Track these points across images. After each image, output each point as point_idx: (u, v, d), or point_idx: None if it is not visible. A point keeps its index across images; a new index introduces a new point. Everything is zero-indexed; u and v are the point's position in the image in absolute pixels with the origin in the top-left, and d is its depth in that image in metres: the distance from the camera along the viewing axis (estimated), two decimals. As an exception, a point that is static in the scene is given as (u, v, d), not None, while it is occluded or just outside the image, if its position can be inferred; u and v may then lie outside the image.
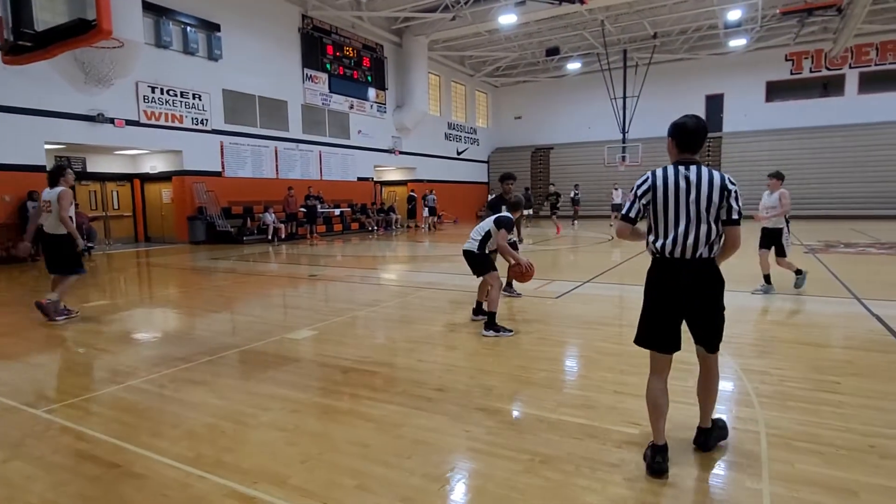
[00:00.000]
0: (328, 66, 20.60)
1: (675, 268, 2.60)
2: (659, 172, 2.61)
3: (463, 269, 9.46)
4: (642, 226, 2.79)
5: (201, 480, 2.67)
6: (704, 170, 2.58)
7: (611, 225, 21.61)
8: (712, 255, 2.60)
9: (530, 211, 16.45)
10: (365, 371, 4.23)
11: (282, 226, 17.02)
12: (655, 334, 2.71)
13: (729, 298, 2.85)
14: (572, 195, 23.06)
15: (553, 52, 26.28)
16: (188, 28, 15.66)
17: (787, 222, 7.25)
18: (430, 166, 27.17)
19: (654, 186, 2.61)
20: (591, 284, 8.05)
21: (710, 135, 28.01)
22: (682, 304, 2.62)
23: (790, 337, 5.04)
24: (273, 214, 16.86)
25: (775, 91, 27.33)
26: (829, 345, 4.84)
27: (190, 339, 5.34)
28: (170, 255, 13.58)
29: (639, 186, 2.67)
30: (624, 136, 26.40)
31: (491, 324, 5.23)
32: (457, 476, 2.69)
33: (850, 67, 25.51)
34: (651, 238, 2.69)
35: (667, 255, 2.61)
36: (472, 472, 2.73)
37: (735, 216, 2.55)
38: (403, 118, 24.30)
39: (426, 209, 22.17)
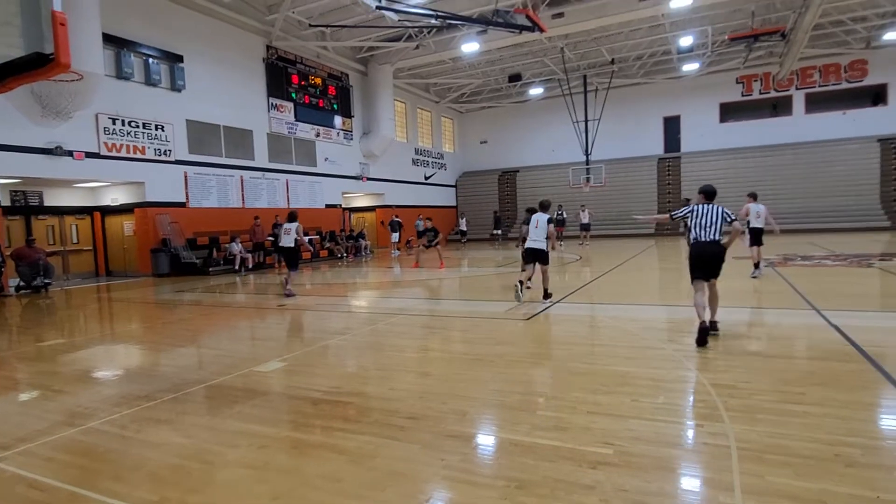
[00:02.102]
0: (294, 94, 20.61)
1: (702, 245, 5.64)
2: (695, 206, 5.78)
3: (433, 293, 9.40)
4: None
5: (165, 526, 2.54)
6: (715, 205, 5.73)
7: (580, 244, 21.95)
8: (719, 240, 5.60)
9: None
10: (336, 402, 4.14)
11: (249, 255, 16.71)
12: (696, 273, 5.68)
13: (689, 314, 3.36)
14: (556, 216, 23.47)
15: (515, 78, 26.92)
16: (150, 59, 15.49)
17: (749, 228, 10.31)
18: (399, 192, 27.23)
19: (693, 210, 5.76)
20: (562, 305, 8.11)
21: (669, 155, 29.14)
22: (705, 260, 5.64)
23: (755, 349, 5.15)
24: (240, 244, 16.56)
25: (728, 112, 28.49)
26: (793, 356, 4.97)
27: (153, 376, 5.14)
28: (132, 288, 13.16)
29: (683, 210, 5.94)
30: (587, 157, 27.04)
31: (548, 295, 8.27)
32: (432, 507, 2.63)
33: (797, 89, 26.83)
34: (691, 234, 5.72)
35: (700, 240, 5.63)
36: (449, 501, 2.68)
37: (731, 220, 5.66)
38: (370, 145, 24.39)
39: (395, 235, 22.15)
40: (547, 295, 8.37)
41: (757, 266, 10.30)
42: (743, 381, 4.18)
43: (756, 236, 10.47)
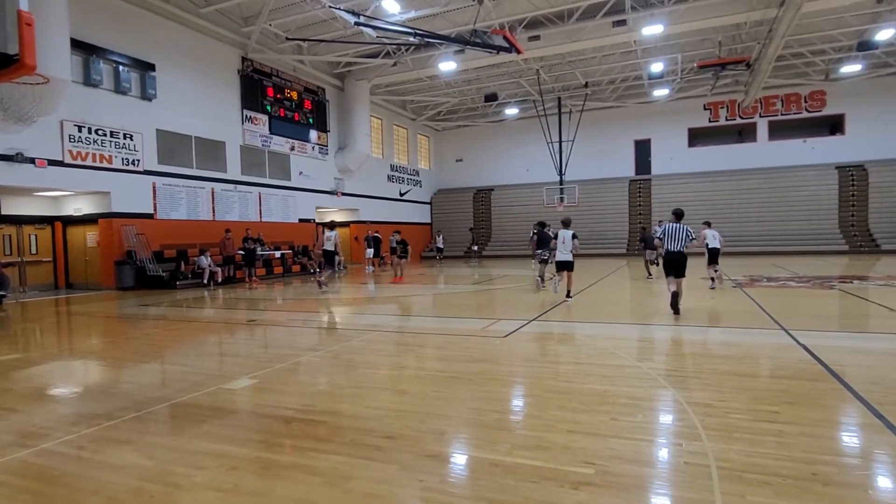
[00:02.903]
0: (268, 107, 20.45)
1: (672, 253, 8.21)
2: (667, 225, 8.27)
3: (408, 310, 9.33)
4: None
5: (124, 555, 2.38)
6: (682, 225, 8.19)
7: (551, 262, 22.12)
8: (682, 250, 8.18)
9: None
10: (309, 421, 4.02)
11: (218, 269, 16.35)
12: (668, 272, 8.27)
13: (663, 332, 5.58)
14: (533, 234, 23.76)
15: (491, 97, 27.29)
16: (121, 67, 15.17)
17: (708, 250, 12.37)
18: (374, 207, 27.16)
19: (665, 228, 8.29)
20: (537, 323, 8.14)
21: (640, 177, 29.83)
22: (674, 264, 8.25)
23: (727, 368, 5.21)
24: (209, 258, 16.20)
25: (697, 137, 29.41)
26: (764, 375, 5.04)
27: (114, 394, 4.92)
28: (94, 302, 12.70)
29: (658, 231, 8.61)
30: (561, 178, 27.48)
31: (569, 294, 10.43)
32: (411, 531, 2.54)
33: (761, 116, 27.90)
34: (665, 246, 8.26)
35: (670, 251, 8.17)
36: (427, 525, 2.59)
37: (692, 238, 8.34)
38: (346, 160, 24.32)
39: (370, 251, 22.02)
40: (569, 294, 10.61)
41: (713, 279, 12.13)
42: (718, 400, 4.21)
43: (713, 256, 12.41)
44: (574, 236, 10.59)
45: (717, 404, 4.12)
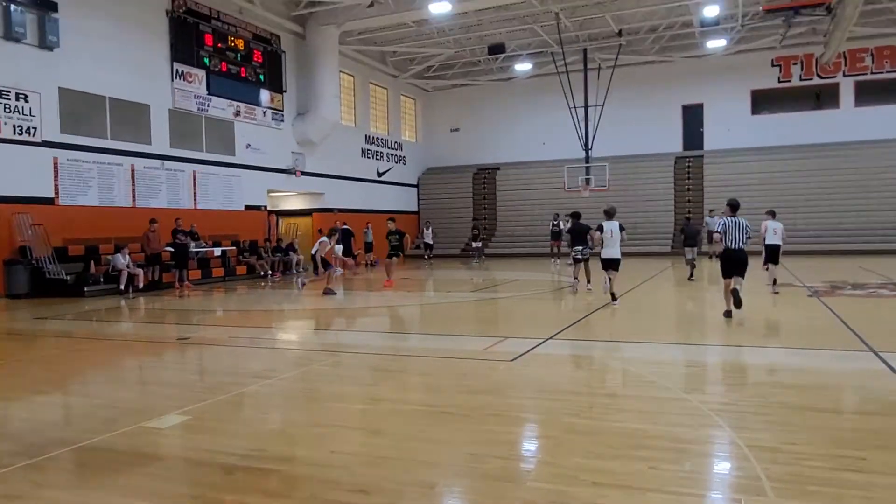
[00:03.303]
0: (207, 60, 20.34)
1: (733, 251, 9.34)
2: (725, 219, 9.52)
3: (388, 325, 9.38)
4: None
5: None
6: (741, 219, 9.47)
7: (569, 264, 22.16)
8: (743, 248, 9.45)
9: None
10: (256, 469, 4.01)
11: (140, 271, 16.28)
12: (730, 273, 9.30)
13: (716, 354, 5.94)
14: (552, 225, 23.90)
15: (497, 49, 27.26)
16: (11, 6, 15.05)
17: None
18: (343, 191, 27.12)
19: (724, 223, 9.41)
20: (555, 342, 8.13)
21: (688, 153, 29.95)
22: (735, 263, 9.39)
23: (798, 402, 5.24)
24: (128, 256, 16.12)
25: (762, 102, 29.55)
26: (848, 410, 5.07)
27: (0, 436, 4.88)
28: (-24, 314, 12.61)
29: (719, 224, 9.67)
30: (587, 154, 27.49)
31: (615, 297, 11.46)
32: None
33: (845, 76, 28.05)
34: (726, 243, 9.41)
35: (732, 248, 9.25)
36: None
37: (749, 236, 9.51)
38: (307, 129, 24.25)
39: (339, 248, 21.96)
40: (614, 297, 11.52)
41: (774, 282, 12.82)
42: (787, 443, 4.23)
43: (773, 255, 12.93)
44: (622, 228, 11.83)
45: (785, 448, 4.13)
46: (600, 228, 11.86)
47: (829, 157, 27.55)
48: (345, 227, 21.72)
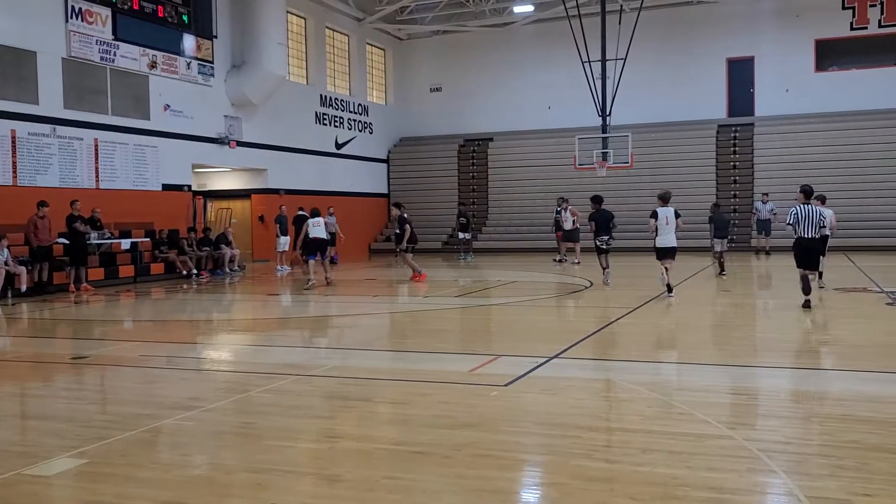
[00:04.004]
0: (113, -6, 20.17)
1: (806, 241, 11.64)
2: (798, 207, 11.72)
3: (349, 339, 9.37)
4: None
5: None
6: (815, 207, 11.98)
7: (575, 263, 22.24)
8: (817, 237, 11.91)
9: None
10: (173, 529, 3.96)
11: (22, 269, 16.14)
12: (802, 264, 11.73)
13: (768, 378, 6.73)
14: (556, 212, 23.81)
15: (491, -15, 27.20)
16: None
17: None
18: (292, 167, 27.06)
19: (797, 213, 11.56)
20: (561, 362, 8.13)
21: (735, 121, 30.08)
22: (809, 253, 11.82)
23: (877, 441, 5.26)
24: (6, 250, 15.97)
25: (830, 54, 29.75)
26: (935, 450, 5.08)
27: None
28: None
29: (790, 216, 11.77)
30: (604, 121, 27.45)
31: (671, 289, 13.32)
32: None
33: (938, 21, 28.26)
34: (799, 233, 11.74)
35: (805, 237, 11.58)
36: None
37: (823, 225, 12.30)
38: (244, 87, 24.14)
39: (283, 239, 21.92)
40: (670, 289, 13.35)
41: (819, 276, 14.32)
42: (862, 493, 4.23)
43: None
44: (677, 214, 13.63)
45: (858, 501, 4.13)
46: (654, 215, 13.65)
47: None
48: (302, 211, 21.98)
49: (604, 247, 15.51)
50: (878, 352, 8.65)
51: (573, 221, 22.74)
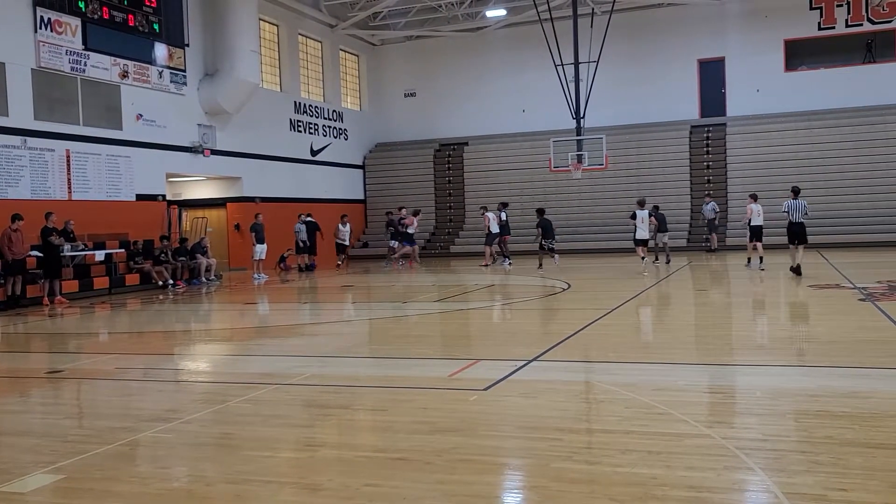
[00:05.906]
0: (82, 4, 20.01)
1: (795, 223, 17.55)
2: (789, 201, 17.80)
3: (326, 349, 9.31)
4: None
5: None
6: (801, 200, 17.82)
7: (556, 262, 22.28)
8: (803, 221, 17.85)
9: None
10: (150, 543, 3.93)
11: (-5, 284, 15.99)
12: (792, 241, 17.44)
13: (745, 377, 6.28)
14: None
15: (464, -11, 27.26)
16: None
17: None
18: (267, 175, 26.99)
19: (790, 205, 17.60)
20: (540, 364, 8.17)
21: (707, 121, 30.31)
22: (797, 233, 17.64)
23: (851, 436, 5.31)
24: (-22, 263, 15.82)
25: (799, 54, 30.10)
26: (910, 445, 5.14)
27: None
28: None
29: (784, 208, 17.93)
30: (578, 124, 27.53)
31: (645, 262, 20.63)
32: None
33: (904, 20, 28.62)
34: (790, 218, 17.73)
35: (792, 220, 17.59)
36: None
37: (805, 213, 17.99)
38: (217, 95, 24.08)
39: (260, 247, 21.90)
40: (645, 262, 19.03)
41: (750, 260, 19.49)
42: (836, 489, 4.26)
43: (756, 233, 19.28)
44: (650, 214, 19.36)
45: (834, 496, 4.16)
46: (633, 216, 20.05)
47: (884, 123, 28.08)
48: (309, 219, 22.11)
49: (550, 247, 22.03)
50: (852, 347, 8.74)
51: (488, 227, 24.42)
